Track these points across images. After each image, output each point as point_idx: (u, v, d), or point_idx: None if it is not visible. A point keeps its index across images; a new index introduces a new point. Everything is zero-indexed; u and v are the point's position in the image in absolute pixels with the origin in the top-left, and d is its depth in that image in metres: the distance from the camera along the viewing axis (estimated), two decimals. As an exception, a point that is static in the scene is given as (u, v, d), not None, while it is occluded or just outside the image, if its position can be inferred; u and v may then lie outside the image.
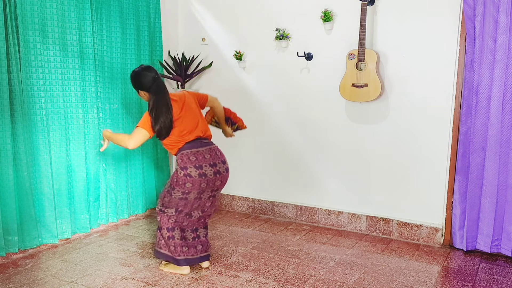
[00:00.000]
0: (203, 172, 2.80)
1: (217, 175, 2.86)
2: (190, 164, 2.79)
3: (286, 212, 4.12)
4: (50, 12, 3.29)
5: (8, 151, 3.06)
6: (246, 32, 4.13)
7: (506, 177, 3.07)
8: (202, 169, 2.80)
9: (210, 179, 2.83)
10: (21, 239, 3.21)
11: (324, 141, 3.86)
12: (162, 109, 2.77)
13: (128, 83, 3.94)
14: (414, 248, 3.40)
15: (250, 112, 4.17)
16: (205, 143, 2.91)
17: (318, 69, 3.80)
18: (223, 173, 2.91)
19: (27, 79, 3.18)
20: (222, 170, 2.90)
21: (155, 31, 4.16)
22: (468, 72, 3.14)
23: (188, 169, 2.78)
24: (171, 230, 2.87)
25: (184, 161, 2.80)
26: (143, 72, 2.84)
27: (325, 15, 3.63)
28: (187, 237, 2.92)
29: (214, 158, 2.88)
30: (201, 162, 2.81)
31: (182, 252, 2.88)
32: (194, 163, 2.80)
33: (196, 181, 2.78)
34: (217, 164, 2.88)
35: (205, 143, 2.91)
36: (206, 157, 2.85)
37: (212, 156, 2.87)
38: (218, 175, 2.86)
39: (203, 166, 2.81)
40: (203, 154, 2.85)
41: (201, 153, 2.85)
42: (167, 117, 2.78)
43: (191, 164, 2.79)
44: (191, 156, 2.81)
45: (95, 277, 2.86)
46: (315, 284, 2.78)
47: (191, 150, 2.83)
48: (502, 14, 2.94)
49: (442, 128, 3.35)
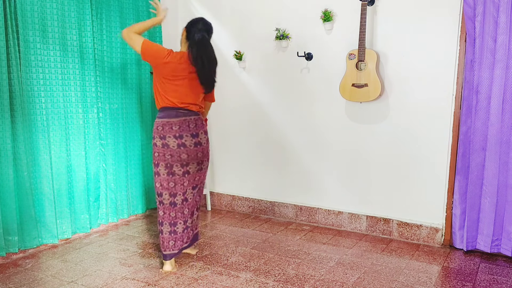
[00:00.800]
0: (165, 142, 2.81)
1: (181, 147, 2.83)
2: (156, 133, 2.83)
3: (286, 212, 4.12)
4: (50, 12, 3.29)
5: (8, 151, 3.06)
6: (246, 32, 4.13)
7: (506, 177, 3.07)
8: (165, 139, 2.82)
9: (174, 151, 2.82)
10: (21, 239, 3.21)
11: (324, 141, 3.86)
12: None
13: (128, 83, 3.94)
14: (414, 248, 3.40)
15: (250, 112, 4.17)
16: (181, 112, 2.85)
17: (318, 69, 3.80)
18: (189, 146, 2.86)
19: (27, 79, 3.18)
20: (188, 144, 2.85)
21: (155, 31, 4.16)
22: (468, 72, 3.14)
23: (155, 139, 2.84)
24: (160, 225, 2.93)
25: (153, 130, 2.85)
26: (201, 21, 2.90)
27: (325, 15, 3.63)
28: (177, 230, 2.94)
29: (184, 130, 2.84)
30: (166, 133, 2.81)
31: (168, 247, 2.92)
32: (160, 133, 2.82)
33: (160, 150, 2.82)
34: (183, 137, 2.84)
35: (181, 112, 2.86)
36: (174, 128, 2.82)
37: (181, 128, 2.84)
38: (182, 148, 2.84)
39: (166, 137, 2.81)
40: (171, 125, 2.82)
41: (169, 123, 2.82)
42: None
43: (157, 134, 2.83)
44: (159, 126, 2.83)
45: (95, 277, 2.86)
46: (315, 284, 2.78)
47: (161, 119, 2.84)
48: (502, 14, 2.94)
49: (442, 128, 3.35)
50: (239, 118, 4.27)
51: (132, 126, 3.98)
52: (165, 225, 2.90)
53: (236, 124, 4.29)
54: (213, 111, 4.38)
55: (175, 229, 2.92)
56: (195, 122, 2.90)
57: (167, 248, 2.92)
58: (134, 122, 4.00)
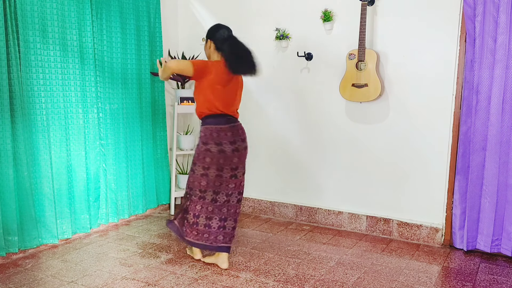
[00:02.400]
0: (222, 148, 2.94)
1: (235, 152, 2.97)
2: (211, 140, 2.94)
3: (286, 212, 4.12)
4: (50, 12, 3.29)
5: (8, 151, 3.06)
6: (246, 32, 4.12)
7: (506, 177, 3.07)
8: (222, 146, 2.94)
9: (228, 156, 2.95)
10: (21, 239, 3.21)
11: (324, 141, 3.86)
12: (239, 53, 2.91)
13: (129, 83, 3.94)
14: (414, 248, 3.40)
15: (250, 112, 4.17)
16: (229, 119, 3.00)
17: (318, 69, 3.80)
18: (241, 150, 3.01)
19: (27, 79, 3.18)
20: (240, 148, 3.01)
21: (155, 31, 4.16)
22: (468, 72, 3.14)
23: (209, 145, 2.95)
24: (196, 217, 2.97)
25: (206, 136, 2.96)
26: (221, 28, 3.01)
27: (325, 15, 3.63)
28: (211, 225, 2.99)
29: (235, 135, 2.99)
30: (222, 139, 2.94)
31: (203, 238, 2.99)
32: (215, 140, 2.94)
33: (215, 156, 2.94)
34: (236, 142, 2.98)
35: (229, 119, 3.00)
36: (228, 134, 2.97)
37: (233, 134, 2.98)
38: (236, 152, 2.98)
39: (223, 143, 2.94)
40: (225, 131, 2.96)
41: (223, 130, 2.96)
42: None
43: (212, 140, 2.94)
44: (214, 132, 2.95)
45: (95, 277, 2.86)
46: (315, 284, 2.78)
47: (215, 126, 2.96)
48: (502, 14, 2.94)
49: (442, 128, 3.35)
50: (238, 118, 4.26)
51: (132, 126, 3.98)
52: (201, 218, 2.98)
53: (236, 124, 4.29)
54: (213, 111, 4.38)
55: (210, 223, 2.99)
56: (241, 128, 3.09)
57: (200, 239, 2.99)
58: (134, 122, 4.00)
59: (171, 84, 4.45)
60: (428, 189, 3.46)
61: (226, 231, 3.01)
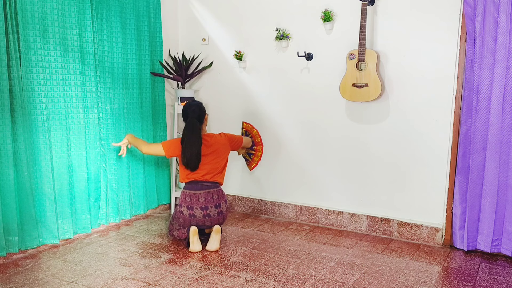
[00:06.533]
0: (192, 213, 3.29)
1: (206, 217, 3.30)
2: (184, 203, 3.30)
3: (287, 212, 4.12)
4: (50, 12, 3.30)
5: (9, 151, 3.06)
6: (246, 32, 4.13)
7: (507, 177, 3.07)
8: (193, 210, 3.28)
9: (200, 219, 3.30)
10: (22, 239, 3.21)
11: (324, 141, 3.86)
12: (192, 142, 3.30)
13: (129, 83, 3.94)
14: (415, 248, 3.40)
15: (250, 112, 4.17)
16: (206, 186, 3.33)
17: (318, 69, 3.80)
18: (213, 216, 3.32)
19: (27, 79, 3.18)
20: (212, 214, 3.31)
21: (155, 31, 4.16)
22: (468, 72, 3.14)
23: (182, 207, 3.31)
24: (180, 212, 3.38)
25: (181, 199, 3.35)
26: (190, 104, 3.46)
27: (325, 15, 3.63)
28: (196, 214, 3.33)
29: (208, 201, 3.30)
30: (194, 204, 3.28)
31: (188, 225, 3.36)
32: (188, 204, 3.29)
33: (186, 218, 3.31)
34: (208, 208, 3.30)
35: (206, 186, 3.33)
36: (200, 200, 3.29)
37: (206, 200, 3.30)
38: (207, 217, 3.31)
39: (194, 208, 3.28)
40: (197, 196, 3.29)
41: (197, 195, 3.30)
42: (194, 151, 3.28)
43: (185, 204, 3.30)
44: (187, 197, 3.31)
45: (96, 277, 2.86)
46: (315, 284, 2.78)
47: (189, 191, 3.32)
48: (503, 14, 2.93)
49: (443, 128, 3.35)
50: (238, 118, 4.27)
51: (132, 126, 3.98)
52: (184, 208, 3.34)
53: (235, 124, 4.29)
54: (213, 111, 4.39)
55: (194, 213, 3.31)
56: (217, 193, 3.36)
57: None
58: (134, 122, 4.00)
59: (171, 84, 4.45)
60: (428, 189, 3.46)
61: (212, 218, 3.35)
